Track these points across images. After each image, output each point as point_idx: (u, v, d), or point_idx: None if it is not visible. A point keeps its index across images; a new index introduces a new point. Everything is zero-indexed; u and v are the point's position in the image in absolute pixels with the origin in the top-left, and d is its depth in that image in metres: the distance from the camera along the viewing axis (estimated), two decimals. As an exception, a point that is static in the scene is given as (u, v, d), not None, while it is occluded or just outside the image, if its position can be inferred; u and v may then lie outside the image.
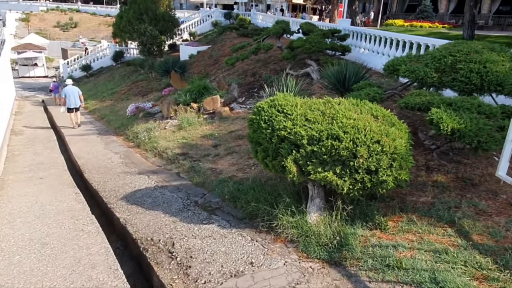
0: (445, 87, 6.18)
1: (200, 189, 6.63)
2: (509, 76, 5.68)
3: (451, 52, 6.34)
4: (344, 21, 16.44)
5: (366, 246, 3.89)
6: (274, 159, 4.83)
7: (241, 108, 12.29)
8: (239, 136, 9.67)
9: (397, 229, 4.17)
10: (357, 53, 14.34)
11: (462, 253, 3.55)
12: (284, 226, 4.49)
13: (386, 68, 7.16)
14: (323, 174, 4.27)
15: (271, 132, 4.83)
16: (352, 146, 4.19)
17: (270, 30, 16.05)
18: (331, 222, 4.34)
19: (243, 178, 6.65)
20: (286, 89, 7.33)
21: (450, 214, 4.36)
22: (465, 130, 4.40)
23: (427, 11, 33.17)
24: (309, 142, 4.45)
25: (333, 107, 4.94)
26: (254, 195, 5.38)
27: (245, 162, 7.64)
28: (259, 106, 5.22)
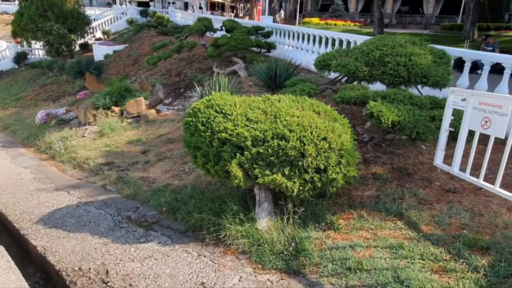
0: (375, 80, 6.32)
1: (132, 202, 5.98)
2: (432, 68, 5.97)
3: (378, 46, 6.50)
4: (267, 18, 16.50)
5: (323, 249, 3.71)
6: (216, 164, 4.44)
7: (168, 109, 11.61)
8: (169, 140, 9.06)
9: (349, 228, 4.06)
10: (282, 50, 14.44)
11: (416, 246, 3.54)
12: (233, 236, 4.14)
13: (318, 63, 7.15)
14: (271, 177, 4.00)
15: (211, 135, 4.43)
16: (299, 145, 3.98)
17: (192, 28, 15.46)
18: (284, 227, 4.10)
19: (180, 186, 6.14)
20: (219, 87, 6.97)
21: (397, 206, 4.38)
22: (405, 122, 4.46)
23: (339, 10, 35.04)
24: (253, 143, 4.15)
25: (274, 105, 4.70)
26: (195, 204, 4.93)
27: (180, 168, 7.12)
28: (194, 107, 4.78)
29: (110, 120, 10.47)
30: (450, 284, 2.94)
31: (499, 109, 3.63)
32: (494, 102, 3.68)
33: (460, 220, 4.04)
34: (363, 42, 7.00)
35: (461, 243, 3.52)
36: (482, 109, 3.83)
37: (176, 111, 11.37)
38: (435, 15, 38.05)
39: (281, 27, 14.99)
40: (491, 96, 3.81)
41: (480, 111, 3.86)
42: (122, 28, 30.01)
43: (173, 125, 10.16)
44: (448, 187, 5.06)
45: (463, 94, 4.16)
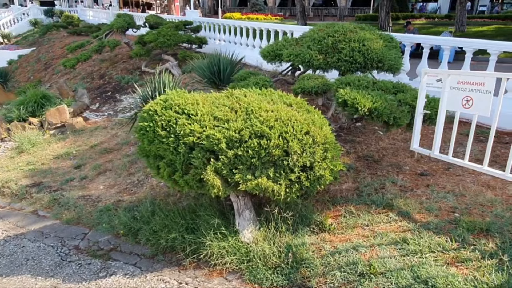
0: (330, 68, 6.12)
1: (77, 228, 5.06)
2: (386, 52, 5.93)
3: (329, 33, 6.31)
4: (193, 13, 15.76)
5: (324, 255, 3.33)
6: (186, 173, 3.82)
7: (97, 116, 10.42)
8: (106, 150, 8.05)
9: (343, 227, 3.75)
10: (214, 45, 13.86)
11: (420, 238, 3.33)
12: (217, 254, 3.58)
13: (267, 54, 6.78)
14: (255, 182, 3.51)
15: (175, 140, 3.80)
16: (282, 143, 3.55)
17: (112, 25, 14.17)
18: (273, 236, 3.64)
19: (134, 201, 5.35)
20: (164, 86, 6.24)
21: (381, 196, 4.18)
22: (382, 108, 4.25)
23: (259, 4, 35.24)
24: (228, 145, 3.62)
25: (240, 100, 4.20)
26: (161, 222, 4.25)
27: (127, 180, 6.27)
28: (149, 109, 4.09)
29: (29, 133, 9.05)
30: (476, 276, 2.74)
31: (482, 87, 3.55)
32: (476, 80, 3.60)
33: (447, 204, 3.95)
34: (312, 30, 6.77)
35: (461, 228, 3.39)
36: (462, 88, 3.75)
37: (108, 117, 10.24)
38: (347, 8, 40.11)
39: (211, 21, 14.39)
40: (470, 74, 3.73)
41: (459, 90, 3.77)
42: (25, 30, 26.90)
43: (107, 132, 9.09)
44: (418, 170, 5.01)
45: (438, 75, 4.06)
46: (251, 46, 12.21)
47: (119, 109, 10.79)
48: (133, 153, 7.42)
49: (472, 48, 6.52)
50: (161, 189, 5.61)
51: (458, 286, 2.66)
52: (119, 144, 8.21)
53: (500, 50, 6.21)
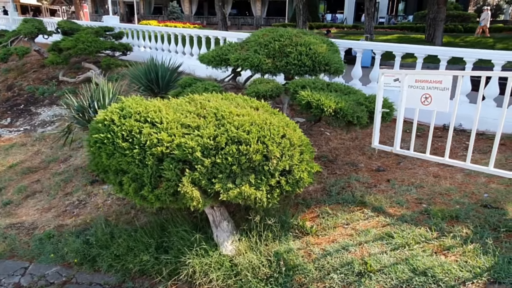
0: (279, 72, 6.13)
1: (13, 263, 4.30)
2: (331, 56, 6.13)
3: (274, 38, 6.34)
4: (112, 18, 14.83)
5: (315, 259, 3.24)
6: (155, 187, 3.46)
7: (11, 132, 9.17)
8: (29, 169, 7.09)
9: (323, 228, 3.71)
10: (139, 52, 13.19)
11: (402, 231, 3.43)
12: (200, 272, 3.28)
13: (212, 59, 6.58)
14: (237, 191, 3.30)
15: (140, 152, 3.43)
16: (262, 147, 3.40)
17: (19, 31, 12.66)
18: (257, 245, 3.46)
19: (79, 225, 4.73)
20: (103, 95, 5.62)
21: (351, 194, 4.25)
22: (346, 109, 4.34)
23: (176, 12, 34.58)
24: (204, 154, 3.36)
25: (206, 105, 3.98)
26: (124, 244, 3.79)
27: (65, 201, 5.55)
28: (104, 118, 3.64)
29: None
30: (467, 261, 2.88)
31: (439, 84, 3.81)
32: (433, 78, 3.85)
33: (412, 196, 4.15)
34: (254, 35, 6.74)
35: (435, 218, 3.57)
36: (420, 86, 3.98)
37: (25, 133, 9.06)
38: (263, 17, 41.42)
39: (135, 28, 13.67)
40: (427, 73, 3.99)
41: (418, 88, 4.00)
42: None
43: (27, 150, 8.03)
44: (373, 167, 5.23)
45: (395, 75, 4.28)
46: (181, 53, 11.85)
47: (37, 123, 9.63)
48: (64, 171, 6.63)
49: (401, 52, 7.07)
50: (109, 208, 5.06)
51: (456, 273, 2.77)
52: (45, 162, 7.28)
53: (425, 54, 6.83)
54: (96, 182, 5.93)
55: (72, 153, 7.36)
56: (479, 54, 6.18)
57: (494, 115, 5.90)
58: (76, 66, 12.53)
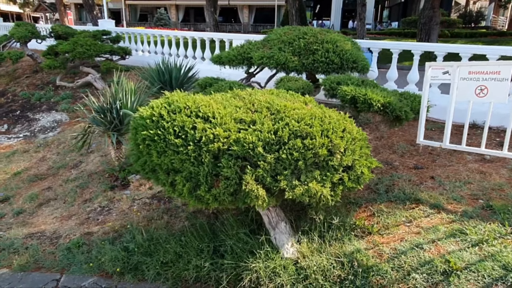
0: (306, 70, 5.97)
1: (41, 275, 3.93)
2: (357, 53, 6.01)
3: (299, 35, 6.18)
4: (108, 22, 14.44)
5: (389, 259, 3.04)
6: (211, 187, 3.20)
7: (10, 139, 8.69)
8: (36, 176, 6.68)
9: (384, 227, 3.51)
10: (138, 57, 12.86)
11: (474, 227, 3.26)
12: (264, 277, 3.03)
13: (233, 58, 6.36)
14: (304, 188, 3.07)
15: (195, 149, 3.18)
16: (327, 141, 3.20)
17: (12, 35, 12.14)
18: (321, 247, 3.23)
19: (109, 232, 4.40)
20: (125, 94, 5.29)
21: (402, 192, 4.08)
22: (395, 103, 4.19)
23: (164, 19, 34.22)
24: (265, 149, 3.14)
25: (255, 100, 3.76)
26: (172, 249, 3.50)
27: (85, 208, 5.19)
28: (151, 114, 3.38)
29: None
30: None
31: (497, 75, 3.70)
32: (490, 69, 3.74)
33: (465, 192, 4.01)
34: (275, 33, 6.56)
35: (501, 213, 3.43)
36: (474, 78, 3.87)
37: (25, 139, 8.60)
38: (250, 24, 41.48)
39: (133, 31, 13.33)
40: (483, 64, 3.87)
41: (472, 80, 3.89)
42: None
43: (31, 156, 7.60)
44: (409, 165, 5.08)
45: (444, 67, 4.16)
46: (183, 56, 11.57)
47: (37, 129, 9.16)
48: (77, 177, 6.26)
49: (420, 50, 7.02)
50: (138, 214, 4.75)
51: (554, 268, 2.61)
52: (53, 169, 6.88)
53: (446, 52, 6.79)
54: (116, 187, 5.60)
55: (82, 158, 6.98)
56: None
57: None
58: (72, 71, 12.09)
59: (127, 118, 5.35)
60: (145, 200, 5.07)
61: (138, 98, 5.46)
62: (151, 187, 5.44)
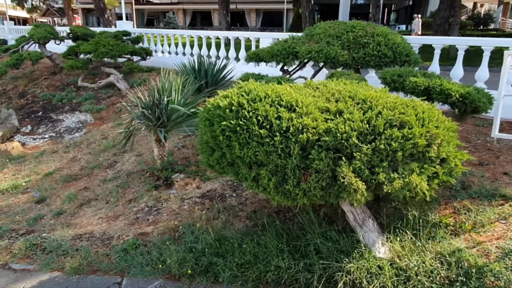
0: (357, 64, 5.73)
1: (100, 278, 3.67)
2: (409, 47, 5.78)
3: (346, 28, 5.96)
4: (126, 23, 14.26)
5: (498, 258, 2.78)
6: (299, 181, 2.95)
7: (35, 140, 8.47)
8: (70, 176, 6.45)
9: (476, 225, 3.25)
10: (158, 58, 12.66)
11: None
12: (359, 279, 2.77)
13: (278, 53, 6.13)
14: (404, 180, 2.82)
15: (282, 140, 2.93)
16: (425, 131, 2.95)
17: (32, 35, 11.97)
18: (415, 245, 2.98)
19: (163, 232, 4.14)
20: (169, 90, 5.03)
21: (483, 188, 3.82)
22: (473, 94, 3.95)
23: (172, 23, 34.23)
24: (359, 139, 2.89)
25: (332, 89, 3.54)
26: (249, 250, 3.25)
27: (132, 208, 4.94)
28: (230, 103, 3.14)
29: None
30: None
31: None
32: None
33: (552, 188, 3.74)
34: (320, 27, 6.33)
35: None
36: None
37: (51, 140, 8.38)
38: (258, 27, 41.39)
39: (153, 32, 13.14)
40: None
41: (560, 68, 3.64)
42: None
43: (61, 157, 7.36)
44: (473, 161, 4.82)
45: (526, 55, 3.91)
46: (206, 56, 11.34)
47: (62, 130, 8.94)
48: (115, 177, 6.02)
49: (465, 45, 6.77)
50: (190, 214, 4.50)
51: None
52: (87, 169, 6.64)
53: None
54: (160, 187, 5.35)
55: (116, 158, 6.74)
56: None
57: None
58: (92, 72, 11.90)
59: (174, 114, 5.11)
60: (195, 200, 4.82)
61: (185, 94, 5.22)
62: (198, 185, 5.19)
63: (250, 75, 6.22)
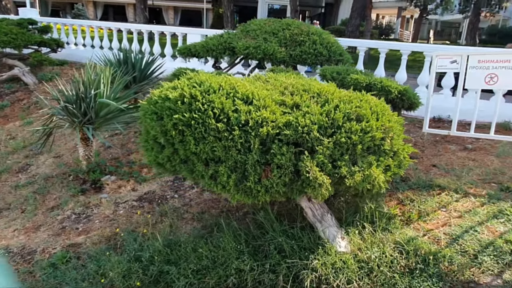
0: (294, 61, 5.75)
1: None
2: (341, 46, 5.99)
3: (282, 26, 5.98)
4: (30, 11, 12.71)
5: (448, 244, 2.92)
6: (260, 178, 2.80)
7: None
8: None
9: (422, 213, 3.42)
10: (72, 50, 11.52)
11: (510, 208, 3.34)
12: (326, 274, 2.72)
13: (214, 48, 5.91)
14: (364, 173, 2.84)
15: (241, 134, 2.76)
16: (380, 125, 3.01)
17: None
18: (373, 237, 3.02)
19: (98, 242, 3.68)
20: (98, 82, 4.45)
21: (422, 179, 4.07)
22: (410, 91, 4.17)
23: (82, 16, 31.60)
24: (320, 133, 2.85)
25: (284, 83, 3.47)
26: (205, 255, 3.00)
27: (54, 217, 4.31)
28: (181, 95, 2.88)
29: None
30: None
31: (508, 63, 3.88)
32: (501, 58, 3.91)
33: (474, 177, 4.13)
34: (255, 23, 6.25)
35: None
36: (484, 67, 4.02)
37: None
38: (176, 25, 40.28)
39: (65, 22, 11.91)
40: (494, 52, 4.04)
41: (481, 69, 4.03)
42: None
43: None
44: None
45: (452, 56, 4.26)
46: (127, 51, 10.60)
47: (-46, 130, 7.57)
48: (30, 182, 5.26)
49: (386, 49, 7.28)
50: (128, 219, 4.08)
51: None
52: (-9, 174, 5.69)
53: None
54: (87, 191, 4.78)
55: (29, 161, 5.89)
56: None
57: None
58: (-8, 63, 10.36)
59: (104, 110, 4.58)
60: (132, 203, 4.39)
61: (116, 88, 4.72)
62: (134, 188, 4.75)
63: (183, 69, 5.89)
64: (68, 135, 6.69)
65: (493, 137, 4.18)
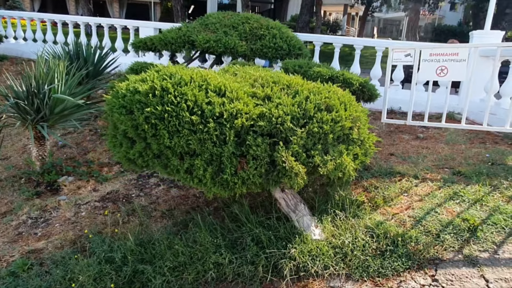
0: (255, 55, 5.76)
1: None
2: (300, 41, 6.10)
3: (242, 19, 5.97)
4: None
5: (413, 226, 3.10)
6: (236, 170, 2.80)
7: None
8: None
9: (386, 199, 3.60)
10: (11, 44, 10.71)
11: (463, 189, 3.61)
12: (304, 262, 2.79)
13: (173, 41, 5.77)
14: (336, 162, 2.93)
15: (216, 127, 2.75)
16: (348, 115, 3.13)
17: None
18: (345, 224, 3.14)
19: (61, 246, 3.48)
20: (51, 77, 4.13)
21: (383, 167, 4.28)
22: (369, 83, 4.35)
23: (18, 8, 29.31)
24: (293, 123, 2.90)
25: (253, 75, 3.50)
26: (179, 250, 2.94)
27: (8, 223, 4.00)
28: (152, 87, 2.80)
29: None
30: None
31: (456, 56, 4.18)
32: (449, 51, 4.20)
33: (430, 164, 4.43)
34: (213, 16, 6.19)
35: (472, 177, 3.88)
36: (435, 59, 4.30)
37: None
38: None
39: (3, 14, 11.00)
40: (443, 46, 4.32)
41: (432, 61, 4.31)
42: None
43: None
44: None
45: (407, 50, 4.51)
46: (74, 45, 10.04)
47: None
48: (-26, 187, 4.83)
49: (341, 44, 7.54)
50: (92, 221, 3.90)
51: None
52: None
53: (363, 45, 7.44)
54: (43, 193, 4.49)
55: (-30, 164, 5.42)
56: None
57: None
58: None
59: (59, 106, 4.31)
60: (94, 204, 4.19)
61: (72, 83, 4.45)
62: (95, 188, 4.53)
63: (141, 64, 5.70)
64: (15, 135, 6.23)
65: (445, 125, 4.50)
